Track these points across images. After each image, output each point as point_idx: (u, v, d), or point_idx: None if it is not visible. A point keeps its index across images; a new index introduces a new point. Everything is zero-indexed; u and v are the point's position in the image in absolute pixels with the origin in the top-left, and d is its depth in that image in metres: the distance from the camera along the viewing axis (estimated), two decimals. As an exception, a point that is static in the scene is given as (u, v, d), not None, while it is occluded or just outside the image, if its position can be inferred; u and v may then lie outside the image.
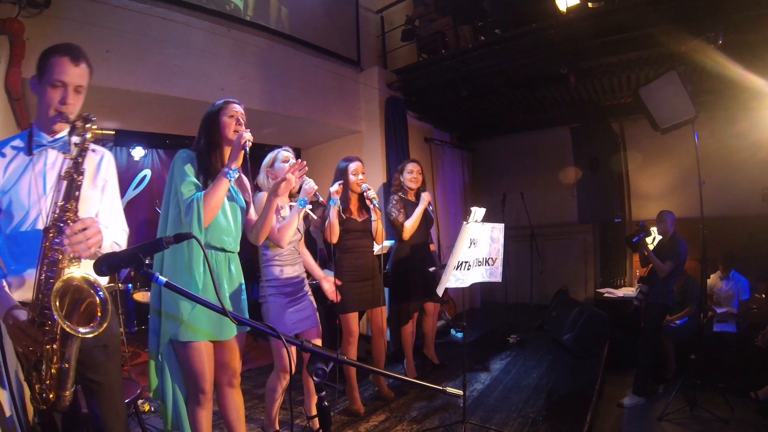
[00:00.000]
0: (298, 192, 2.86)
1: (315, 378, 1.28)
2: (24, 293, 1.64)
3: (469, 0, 6.03)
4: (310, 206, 2.88)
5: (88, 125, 1.61)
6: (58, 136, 1.78)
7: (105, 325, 1.48)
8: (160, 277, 1.29)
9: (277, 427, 3.04)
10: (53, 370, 1.52)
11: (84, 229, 1.52)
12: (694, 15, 4.07)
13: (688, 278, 4.56)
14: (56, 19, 3.52)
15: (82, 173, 1.60)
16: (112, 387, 1.81)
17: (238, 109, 2.43)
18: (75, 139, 1.63)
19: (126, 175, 5.63)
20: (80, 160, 1.60)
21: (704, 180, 3.74)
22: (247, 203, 2.54)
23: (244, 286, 2.49)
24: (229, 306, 2.26)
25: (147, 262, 1.33)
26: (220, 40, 4.59)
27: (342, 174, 3.47)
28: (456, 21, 5.97)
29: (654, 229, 4.59)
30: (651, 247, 4.14)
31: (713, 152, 4.95)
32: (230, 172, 2.16)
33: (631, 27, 4.36)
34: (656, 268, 3.92)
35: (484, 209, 3.16)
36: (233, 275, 2.41)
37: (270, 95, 4.98)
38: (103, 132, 5.37)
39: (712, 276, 5.00)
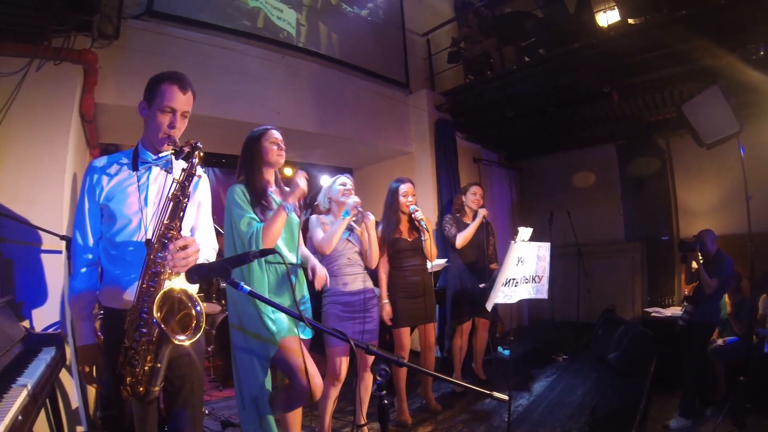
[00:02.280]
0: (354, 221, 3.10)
1: (378, 378, 1.41)
2: (114, 292, 1.83)
3: (512, 21, 6.16)
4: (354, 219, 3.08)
5: (196, 152, 1.74)
6: (161, 155, 1.92)
7: (198, 335, 1.64)
8: (245, 286, 1.47)
9: None
10: (146, 368, 1.65)
11: (185, 247, 1.67)
12: (734, 27, 4.06)
13: (744, 297, 4.47)
14: (125, 49, 3.82)
15: (187, 196, 1.73)
16: (191, 392, 1.92)
17: (278, 136, 2.62)
18: (183, 164, 1.76)
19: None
20: (186, 184, 1.73)
21: (751, 195, 3.69)
22: (298, 217, 2.72)
23: (307, 297, 2.68)
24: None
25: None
26: (275, 66, 4.84)
27: (392, 195, 3.67)
28: (500, 42, 6.09)
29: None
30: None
31: (760, 166, 4.79)
32: (288, 206, 2.33)
33: (672, 42, 4.36)
34: (704, 283, 3.90)
35: (531, 229, 3.28)
36: (300, 285, 2.63)
37: (323, 118, 5.19)
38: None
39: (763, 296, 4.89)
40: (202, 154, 1.77)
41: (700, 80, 4.76)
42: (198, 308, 1.66)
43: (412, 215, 3.57)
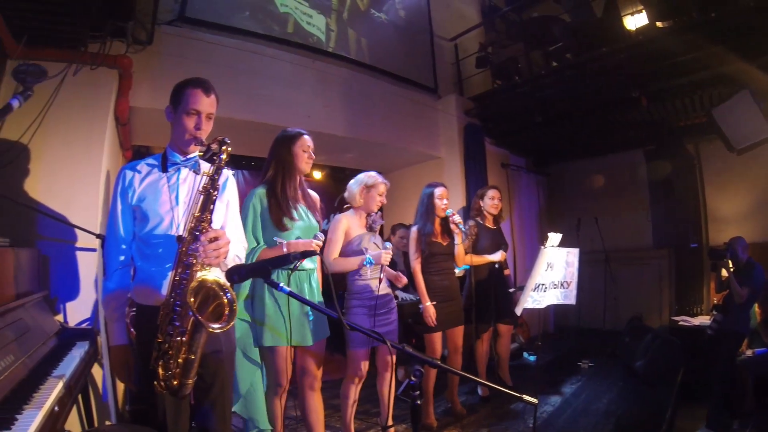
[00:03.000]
0: (372, 222, 3.12)
1: (413, 378, 1.43)
2: (148, 290, 1.89)
3: (539, 26, 6.13)
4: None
5: (223, 147, 1.82)
6: (189, 156, 2.00)
7: (232, 323, 1.67)
8: (285, 287, 1.50)
9: None
10: (180, 360, 1.68)
11: (216, 239, 1.73)
12: (765, 30, 3.99)
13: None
14: (158, 54, 3.93)
15: (217, 189, 1.81)
16: (221, 389, 1.97)
17: (310, 144, 2.68)
18: (210, 160, 1.84)
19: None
20: (216, 176, 1.80)
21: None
22: (319, 222, 2.77)
23: (322, 300, 2.76)
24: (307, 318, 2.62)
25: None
26: (305, 71, 4.92)
27: (428, 198, 3.66)
28: (527, 47, 6.07)
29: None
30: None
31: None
32: (292, 255, 2.27)
33: (701, 46, 4.30)
34: (734, 292, 3.82)
35: (560, 235, 3.26)
36: (313, 290, 2.68)
37: (353, 122, 5.25)
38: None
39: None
40: (230, 149, 1.84)
41: (730, 85, 4.71)
42: (229, 296, 1.68)
43: (450, 218, 3.57)
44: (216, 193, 1.80)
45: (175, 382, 1.69)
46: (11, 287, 2.28)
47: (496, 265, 4.23)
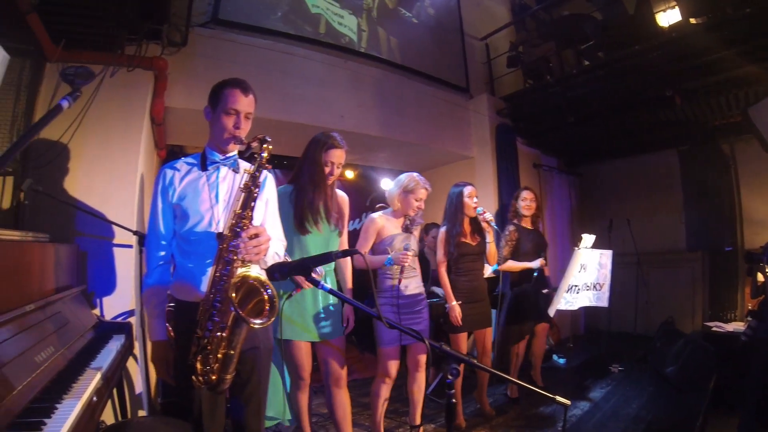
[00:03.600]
0: (409, 223, 3.10)
1: (449, 377, 1.43)
2: (187, 286, 1.93)
3: (570, 24, 6.05)
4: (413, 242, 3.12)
5: (264, 145, 1.84)
6: (229, 155, 2.04)
7: (273, 318, 1.66)
8: (325, 284, 1.53)
9: None
10: (220, 355, 1.71)
11: (257, 236, 1.75)
12: None
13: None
14: (192, 55, 3.99)
15: (258, 186, 1.83)
16: (257, 385, 2.00)
17: (336, 159, 2.68)
18: (251, 158, 1.87)
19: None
20: (257, 174, 1.83)
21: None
22: (339, 231, 2.80)
23: (334, 305, 2.78)
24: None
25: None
26: (338, 71, 4.95)
27: (457, 198, 3.63)
28: (558, 46, 6.00)
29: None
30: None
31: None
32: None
33: (736, 42, 4.19)
34: None
35: (594, 236, 3.22)
36: (321, 295, 2.73)
37: (386, 121, 5.26)
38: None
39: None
40: (271, 147, 1.87)
41: (766, 83, 4.57)
42: (270, 292, 1.69)
43: (480, 216, 3.55)
44: (257, 190, 1.82)
45: (214, 377, 1.73)
46: (51, 281, 2.36)
47: (535, 273, 4.15)
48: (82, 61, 3.13)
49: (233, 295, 1.59)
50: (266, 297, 1.68)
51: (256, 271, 1.73)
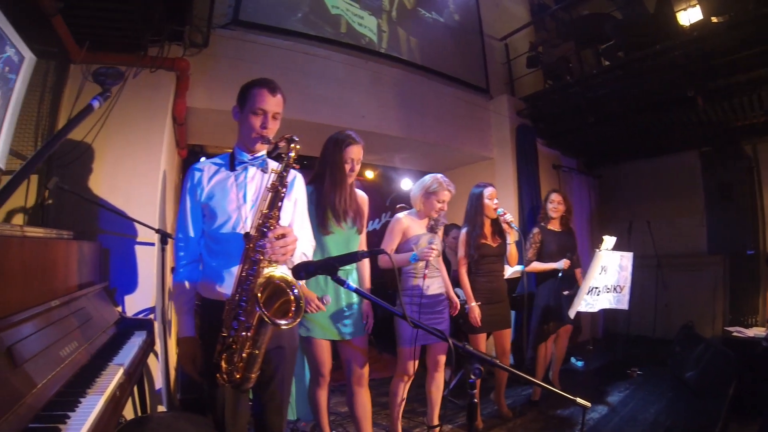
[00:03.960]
0: (433, 223, 3.09)
1: (472, 377, 1.43)
2: (213, 284, 1.95)
3: (590, 24, 5.98)
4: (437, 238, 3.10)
5: (292, 145, 1.85)
6: (257, 155, 2.06)
7: (299, 319, 1.67)
8: (351, 284, 1.54)
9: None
10: (245, 354, 1.73)
11: (284, 236, 1.74)
12: None
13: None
14: (213, 56, 4.04)
15: (285, 186, 1.82)
16: (281, 383, 2.02)
17: (355, 155, 2.69)
18: (278, 158, 1.88)
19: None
20: (285, 174, 1.82)
21: None
22: (359, 229, 2.80)
23: (356, 305, 2.79)
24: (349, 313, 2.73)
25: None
26: (358, 71, 4.97)
27: (477, 199, 3.65)
28: (578, 45, 5.94)
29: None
30: None
31: None
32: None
33: (760, 41, 4.11)
34: None
35: (615, 238, 3.21)
36: (345, 293, 2.75)
37: (407, 122, 5.27)
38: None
39: None
40: (298, 146, 1.86)
41: (791, 82, 4.46)
42: (296, 292, 1.69)
43: (501, 218, 3.55)
44: (284, 190, 1.82)
45: (238, 376, 1.75)
46: (75, 278, 2.41)
47: (560, 274, 4.15)
48: (106, 62, 3.19)
49: (259, 294, 1.59)
50: (292, 298, 1.68)
51: (282, 271, 1.72)
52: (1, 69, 2.38)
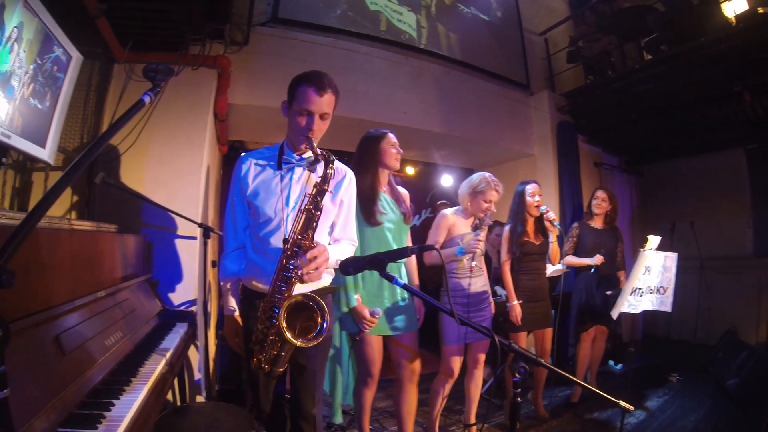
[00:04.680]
0: (478, 222, 3.05)
1: (517, 375, 1.41)
2: (254, 277, 2.01)
3: (632, 16, 5.82)
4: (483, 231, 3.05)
5: (329, 164, 1.81)
6: (304, 156, 2.00)
7: (316, 342, 1.73)
8: (400, 279, 1.55)
9: (437, 431, 3.25)
10: (273, 353, 1.82)
11: (315, 258, 1.73)
12: None
13: None
14: (254, 54, 4.10)
15: (320, 209, 1.80)
16: (314, 373, 2.05)
17: (396, 140, 2.72)
18: (319, 175, 1.83)
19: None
20: (319, 198, 1.79)
21: None
22: (404, 213, 2.79)
23: (408, 299, 2.79)
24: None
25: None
26: (399, 67, 4.97)
27: (520, 197, 3.64)
28: (620, 39, 5.79)
29: None
30: None
31: None
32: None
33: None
34: None
35: (659, 237, 3.14)
36: (395, 289, 2.72)
37: (448, 118, 5.24)
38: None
39: None
40: (333, 167, 1.83)
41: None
42: (325, 320, 1.76)
43: (544, 215, 3.53)
44: (319, 214, 1.80)
45: (267, 368, 1.84)
46: (119, 270, 2.49)
47: (592, 270, 4.12)
48: (148, 61, 3.28)
49: (283, 321, 1.66)
50: (318, 321, 1.76)
51: (310, 291, 1.82)
52: (49, 68, 2.47)
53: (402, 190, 2.90)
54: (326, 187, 1.79)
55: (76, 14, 2.72)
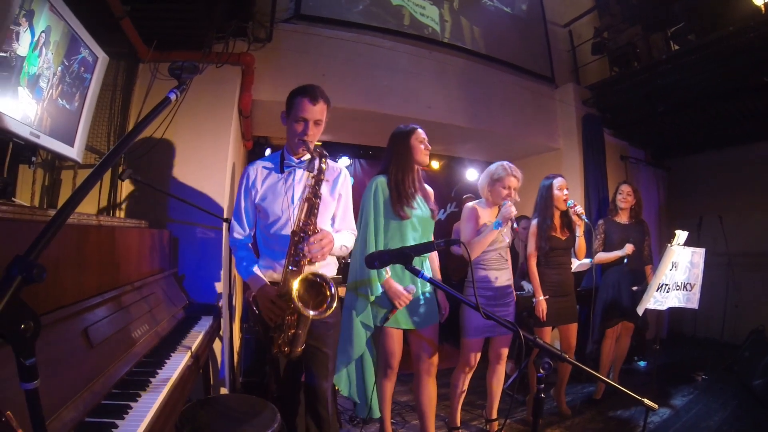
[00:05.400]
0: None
1: (541, 371, 1.42)
2: (268, 271, 2.23)
3: (657, 6, 5.67)
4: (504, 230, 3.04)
5: (323, 159, 2.08)
6: (302, 158, 2.27)
7: (329, 312, 1.96)
8: (426, 273, 1.59)
9: (458, 424, 3.28)
10: (290, 334, 2.06)
11: (321, 239, 2.02)
12: None
13: None
14: (278, 50, 4.14)
15: (319, 197, 2.08)
16: (328, 354, 2.27)
17: (424, 136, 2.76)
18: (311, 168, 2.09)
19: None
20: (317, 187, 2.08)
21: None
22: (432, 210, 2.83)
23: (430, 291, 2.80)
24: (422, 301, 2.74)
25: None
26: (423, 61, 4.96)
27: (547, 190, 3.60)
28: (645, 30, 5.66)
29: None
30: None
31: None
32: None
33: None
34: None
35: (687, 233, 3.08)
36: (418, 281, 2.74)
37: (473, 112, 5.22)
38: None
39: None
40: (327, 160, 2.14)
41: None
42: (332, 289, 1.99)
43: (571, 209, 3.50)
44: (318, 201, 2.07)
45: (286, 349, 2.08)
46: (146, 264, 2.56)
47: (624, 260, 4.08)
48: (173, 60, 3.34)
49: (296, 291, 1.91)
50: (329, 293, 2.00)
51: (319, 269, 2.08)
52: (76, 69, 2.53)
53: (428, 188, 2.93)
54: (322, 177, 2.09)
55: (102, 16, 2.78)
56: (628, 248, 3.99)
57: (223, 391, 3.38)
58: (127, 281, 2.17)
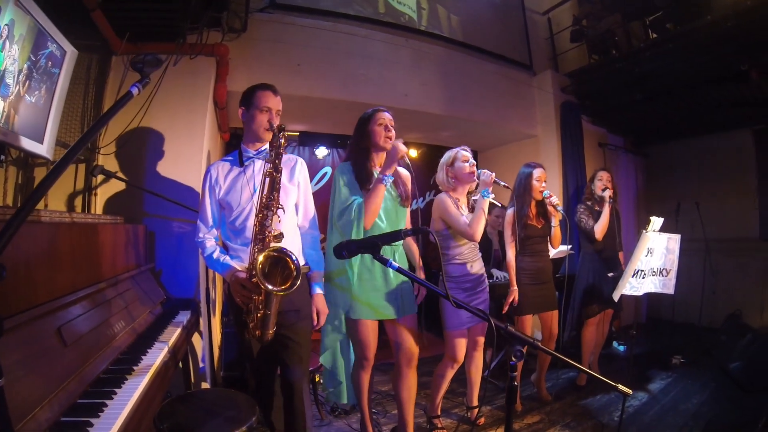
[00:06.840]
0: (476, 188, 3.03)
1: (513, 359, 1.43)
2: (236, 262, 2.31)
3: (637, -7, 5.71)
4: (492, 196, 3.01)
5: (281, 133, 2.17)
6: (260, 149, 2.41)
7: (297, 284, 2.01)
8: (394, 262, 1.59)
9: (439, 413, 3.30)
10: (260, 314, 2.10)
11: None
12: None
13: None
14: (253, 40, 4.08)
15: (279, 171, 2.15)
16: (300, 343, 2.35)
17: (386, 117, 2.72)
18: (272, 146, 2.20)
19: (309, 172, 6.18)
20: (277, 161, 2.15)
21: None
22: (401, 197, 2.79)
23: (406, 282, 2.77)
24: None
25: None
26: (399, 50, 4.93)
27: (526, 179, 3.62)
28: (625, 18, 5.69)
29: None
30: None
31: None
32: (385, 178, 2.51)
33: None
34: None
35: (662, 219, 3.12)
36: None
37: (450, 100, 5.20)
38: (289, 134, 5.94)
39: None
40: (287, 133, 2.25)
41: None
42: (295, 260, 2.04)
43: (547, 200, 3.51)
44: (279, 175, 2.16)
45: (258, 332, 2.13)
46: (121, 260, 2.53)
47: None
48: (147, 52, 3.28)
49: (259, 267, 1.96)
50: (293, 266, 2.04)
51: (282, 244, 2.10)
52: (44, 64, 2.48)
53: (404, 172, 2.85)
54: (281, 150, 2.16)
55: (73, 8, 2.71)
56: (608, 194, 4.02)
57: (205, 385, 3.36)
58: (102, 278, 2.15)
